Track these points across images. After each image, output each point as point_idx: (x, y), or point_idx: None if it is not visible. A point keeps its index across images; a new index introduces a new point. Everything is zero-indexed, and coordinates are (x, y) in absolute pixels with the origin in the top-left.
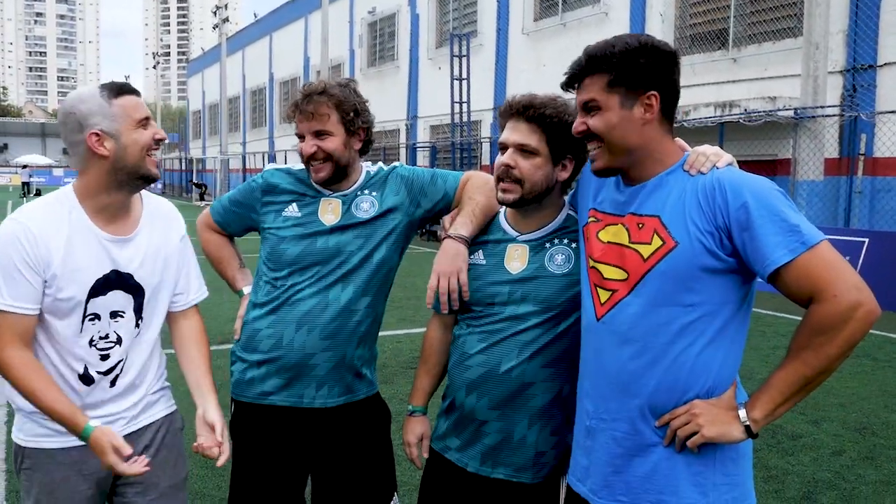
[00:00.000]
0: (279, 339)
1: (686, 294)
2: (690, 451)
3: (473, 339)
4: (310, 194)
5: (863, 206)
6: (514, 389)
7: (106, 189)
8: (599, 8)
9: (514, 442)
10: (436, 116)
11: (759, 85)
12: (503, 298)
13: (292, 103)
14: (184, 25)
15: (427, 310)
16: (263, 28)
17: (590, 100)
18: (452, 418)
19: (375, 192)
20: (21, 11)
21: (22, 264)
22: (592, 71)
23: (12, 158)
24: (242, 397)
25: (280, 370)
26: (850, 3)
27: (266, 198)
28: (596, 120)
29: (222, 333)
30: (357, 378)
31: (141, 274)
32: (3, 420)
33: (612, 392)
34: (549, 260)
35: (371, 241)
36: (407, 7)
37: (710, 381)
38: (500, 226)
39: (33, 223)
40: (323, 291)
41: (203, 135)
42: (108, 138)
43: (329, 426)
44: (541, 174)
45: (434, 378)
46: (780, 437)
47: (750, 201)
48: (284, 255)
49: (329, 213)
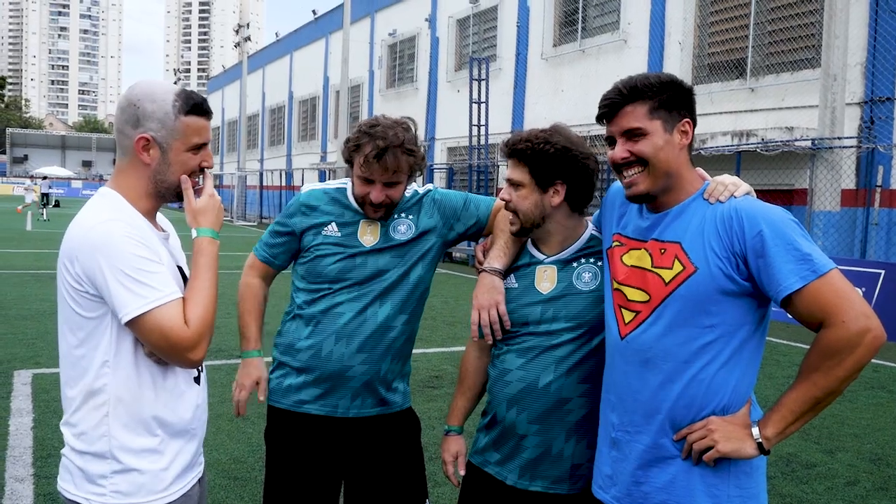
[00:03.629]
0: (318, 349)
1: (704, 316)
2: (706, 464)
3: (512, 356)
4: (348, 215)
5: (879, 238)
6: (553, 403)
7: (147, 194)
8: (619, 35)
9: (552, 455)
10: (453, 139)
11: (777, 115)
12: (536, 317)
13: (369, 140)
14: (204, 42)
15: (443, 330)
16: (284, 47)
17: (635, 128)
18: (493, 433)
19: (412, 215)
20: (46, 25)
21: (150, 254)
22: (633, 99)
23: (32, 169)
24: (279, 404)
25: (317, 380)
26: (869, 36)
27: (305, 221)
28: (643, 145)
29: (228, 348)
30: (391, 391)
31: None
32: (30, 426)
33: (635, 406)
34: (576, 278)
35: (407, 261)
36: (427, 30)
37: (726, 399)
38: (528, 250)
39: (125, 218)
40: (362, 307)
41: (221, 151)
42: (155, 147)
43: (362, 436)
44: (529, 203)
45: (470, 400)
46: (795, 465)
47: (765, 230)
48: (324, 272)
49: (368, 235)
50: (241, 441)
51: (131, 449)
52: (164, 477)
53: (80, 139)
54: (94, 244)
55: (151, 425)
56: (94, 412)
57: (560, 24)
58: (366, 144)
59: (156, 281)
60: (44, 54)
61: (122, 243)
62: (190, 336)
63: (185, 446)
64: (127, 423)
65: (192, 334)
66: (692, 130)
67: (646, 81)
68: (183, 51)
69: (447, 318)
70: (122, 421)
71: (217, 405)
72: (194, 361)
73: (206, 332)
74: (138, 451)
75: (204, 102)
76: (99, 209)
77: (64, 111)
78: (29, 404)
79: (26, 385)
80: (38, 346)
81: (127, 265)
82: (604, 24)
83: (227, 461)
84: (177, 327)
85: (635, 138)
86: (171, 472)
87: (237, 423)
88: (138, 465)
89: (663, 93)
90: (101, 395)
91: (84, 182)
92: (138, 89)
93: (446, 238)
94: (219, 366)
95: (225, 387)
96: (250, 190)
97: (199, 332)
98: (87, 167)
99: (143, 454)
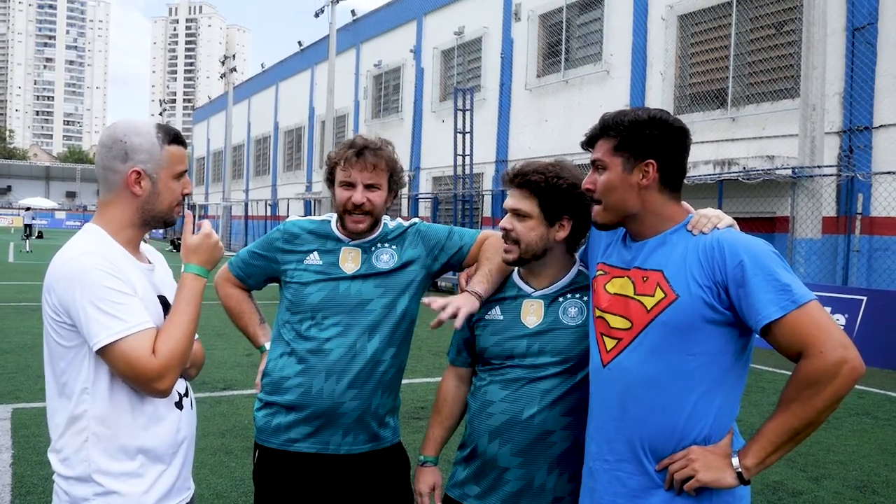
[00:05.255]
0: (308, 387)
1: (686, 343)
2: (688, 493)
3: (495, 388)
4: (330, 243)
5: (860, 265)
6: (536, 436)
7: (131, 224)
8: (601, 66)
9: (533, 489)
10: (438, 168)
11: (758, 144)
12: (521, 351)
13: (348, 148)
14: (190, 73)
15: (428, 360)
16: (270, 78)
17: (598, 159)
18: (473, 466)
19: (396, 245)
20: (31, 56)
21: (121, 286)
22: (604, 134)
23: (16, 200)
24: (268, 443)
25: (308, 418)
26: (846, 67)
27: (287, 246)
28: (601, 177)
29: (224, 380)
30: (382, 427)
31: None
32: (9, 463)
33: (616, 434)
34: (563, 313)
35: (392, 292)
36: (412, 61)
37: (707, 428)
38: (515, 283)
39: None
40: (351, 343)
41: (206, 181)
42: (146, 178)
43: (354, 473)
44: (534, 235)
45: (447, 430)
46: (782, 493)
47: (746, 260)
48: (307, 300)
49: (350, 262)
50: (224, 475)
51: (110, 472)
52: (145, 500)
53: (65, 170)
54: (69, 275)
55: (130, 449)
56: (75, 437)
57: (543, 55)
58: (345, 150)
59: (124, 312)
60: (29, 85)
61: (94, 275)
62: (156, 367)
63: (167, 470)
64: (106, 448)
65: (157, 365)
66: (654, 171)
67: (617, 119)
68: (169, 81)
69: (432, 347)
70: (102, 445)
71: (200, 439)
72: (160, 391)
73: (175, 364)
74: (117, 474)
75: (180, 134)
76: (78, 243)
77: (48, 142)
78: (8, 440)
79: (5, 420)
80: (17, 380)
81: (97, 296)
82: (586, 55)
83: (210, 496)
84: (143, 358)
85: (599, 170)
86: (152, 496)
87: (220, 456)
88: (118, 488)
89: (628, 133)
90: (82, 420)
91: (68, 213)
92: (122, 126)
93: (430, 269)
94: (202, 398)
95: (208, 420)
96: (235, 220)
97: (165, 363)
98: (71, 198)
99: (122, 477)
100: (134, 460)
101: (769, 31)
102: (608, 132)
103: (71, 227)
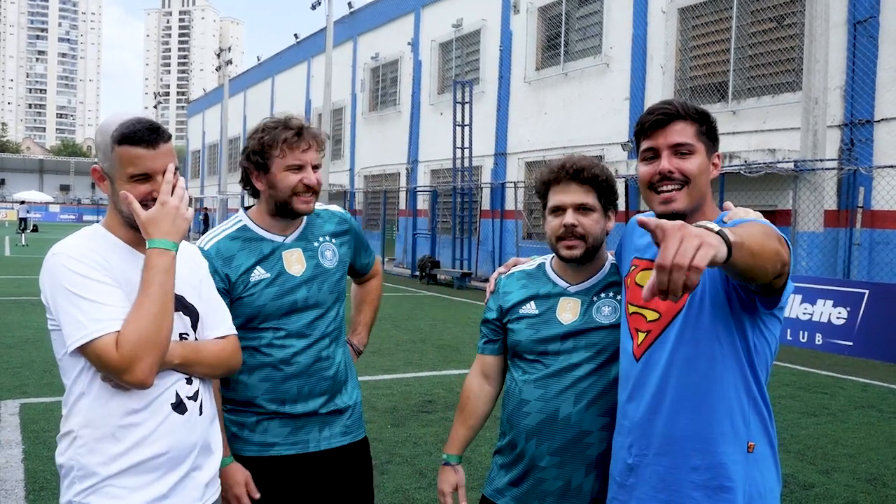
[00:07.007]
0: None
1: (713, 330)
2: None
3: (530, 387)
4: (266, 247)
5: (862, 258)
6: (573, 436)
7: (120, 224)
8: (601, 59)
9: (571, 490)
10: (436, 161)
11: (759, 137)
12: (556, 348)
13: (297, 128)
14: (184, 66)
15: (432, 353)
16: (266, 71)
17: (684, 143)
18: (515, 468)
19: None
20: (23, 49)
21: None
22: (684, 118)
23: (9, 194)
24: (244, 452)
25: (284, 421)
26: (848, 61)
27: (227, 270)
28: (689, 162)
29: None
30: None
31: (191, 295)
32: (20, 458)
33: (651, 428)
34: (597, 311)
35: (336, 293)
36: (410, 53)
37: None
38: (550, 278)
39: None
40: (314, 358)
41: (202, 174)
42: (106, 178)
43: (331, 469)
44: (599, 228)
45: (470, 429)
46: (793, 486)
47: None
48: (263, 311)
49: (296, 264)
50: None
51: (98, 474)
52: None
53: (58, 163)
54: (44, 273)
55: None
56: (67, 437)
57: (543, 47)
58: (279, 133)
59: (93, 308)
60: (21, 78)
61: (63, 272)
62: (118, 359)
63: (165, 475)
64: (93, 449)
65: (119, 357)
66: (720, 163)
67: (695, 107)
68: (162, 74)
69: (435, 340)
70: (90, 447)
71: None
72: (133, 383)
73: (141, 352)
74: (106, 476)
75: (136, 133)
76: (62, 240)
77: (42, 135)
78: (18, 435)
79: (14, 416)
80: (23, 375)
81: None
82: (586, 47)
83: None
84: (108, 350)
85: (683, 155)
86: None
87: None
88: (109, 490)
89: (708, 122)
90: (74, 418)
91: (62, 206)
92: (104, 120)
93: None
94: None
95: None
96: (231, 212)
97: (128, 353)
98: (65, 191)
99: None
100: (120, 461)
101: (770, 24)
102: (691, 116)
103: (65, 221)
